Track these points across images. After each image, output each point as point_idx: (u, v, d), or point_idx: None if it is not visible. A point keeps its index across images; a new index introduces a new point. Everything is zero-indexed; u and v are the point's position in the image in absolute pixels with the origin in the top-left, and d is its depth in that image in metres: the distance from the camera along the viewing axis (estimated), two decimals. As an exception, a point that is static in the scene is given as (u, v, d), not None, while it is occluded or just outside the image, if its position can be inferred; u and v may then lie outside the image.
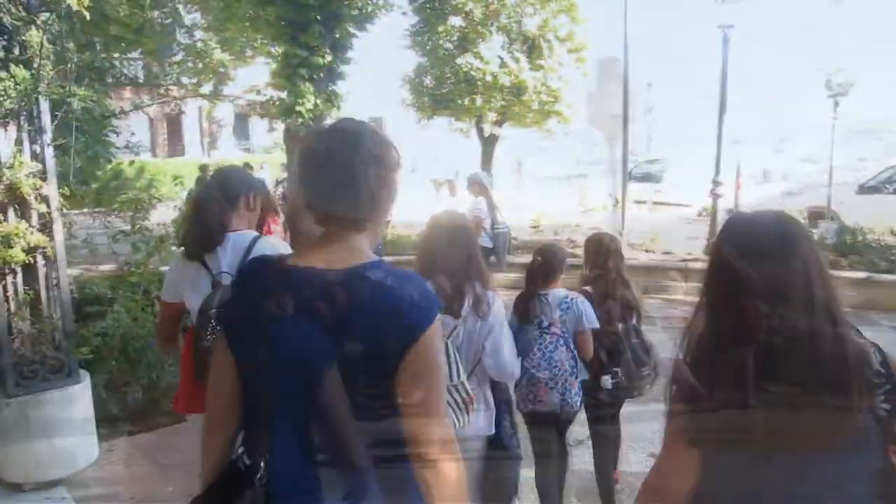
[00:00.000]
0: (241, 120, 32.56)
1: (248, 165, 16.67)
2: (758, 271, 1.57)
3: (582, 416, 4.18)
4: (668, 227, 14.80)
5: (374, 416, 1.61)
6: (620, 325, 4.12)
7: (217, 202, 3.12)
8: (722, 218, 12.30)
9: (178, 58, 15.56)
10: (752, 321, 1.55)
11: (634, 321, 4.22)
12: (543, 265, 3.98)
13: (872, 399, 1.51)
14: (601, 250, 4.26)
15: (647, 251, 12.61)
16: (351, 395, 1.57)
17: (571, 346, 3.86)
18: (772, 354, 1.54)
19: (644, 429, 4.77)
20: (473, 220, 8.67)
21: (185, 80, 16.78)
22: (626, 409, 4.30)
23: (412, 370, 1.59)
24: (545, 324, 3.83)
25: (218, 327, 2.80)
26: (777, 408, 1.52)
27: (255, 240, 3.05)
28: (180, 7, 13.94)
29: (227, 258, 3.00)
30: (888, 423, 1.53)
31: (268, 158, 24.46)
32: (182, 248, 3.21)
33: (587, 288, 4.18)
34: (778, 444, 1.54)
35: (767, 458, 1.58)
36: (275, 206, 4.50)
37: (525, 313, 3.89)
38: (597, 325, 3.92)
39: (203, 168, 17.29)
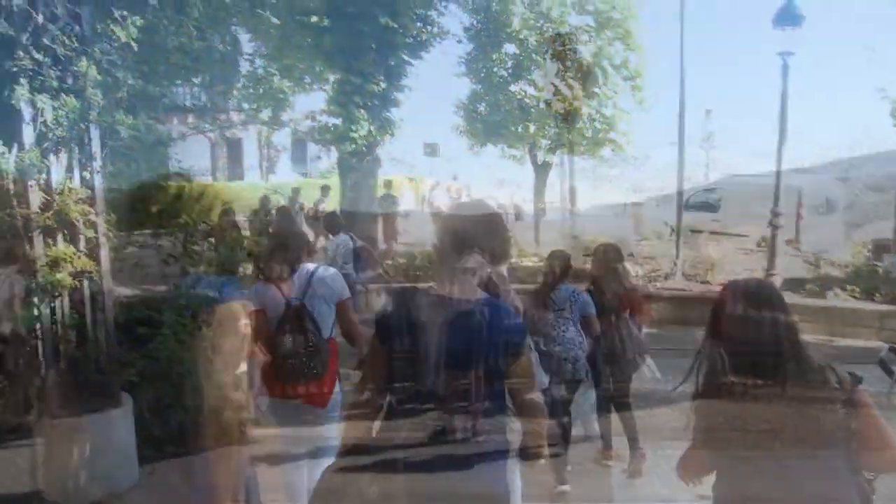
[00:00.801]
0: (299, 145, 33.06)
1: (326, 188, 16.95)
2: (750, 325, 2.20)
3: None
4: (725, 258, 14.39)
5: (486, 393, 2.35)
6: (614, 317, 5.17)
7: (301, 240, 3.95)
8: (781, 249, 11.97)
9: (239, 84, 15.94)
10: (742, 359, 2.18)
11: (627, 314, 5.25)
12: (561, 267, 5.01)
13: (833, 407, 2.06)
14: (606, 256, 5.34)
15: (702, 282, 12.31)
16: (470, 381, 2.32)
17: (579, 328, 4.94)
18: (756, 371, 2.15)
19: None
20: None
21: (245, 105, 17.17)
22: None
23: (516, 373, 2.43)
24: (559, 309, 4.89)
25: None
26: (767, 412, 2.09)
27: (314, 270, 3.79)
28: (240, 35, 14.27)
29: (295, 286, 3.73)
30: (847, 424, 2.06)
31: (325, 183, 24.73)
32: (263, 271, 3.86)
33: (590, 287, 5.25)
34: (774, 443, 2.08)
35: (768, 456, 2.10)
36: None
37: (544, 303, 4.90)
38: (594, 311, 5.01)
39: (295, 191, 17.67)
